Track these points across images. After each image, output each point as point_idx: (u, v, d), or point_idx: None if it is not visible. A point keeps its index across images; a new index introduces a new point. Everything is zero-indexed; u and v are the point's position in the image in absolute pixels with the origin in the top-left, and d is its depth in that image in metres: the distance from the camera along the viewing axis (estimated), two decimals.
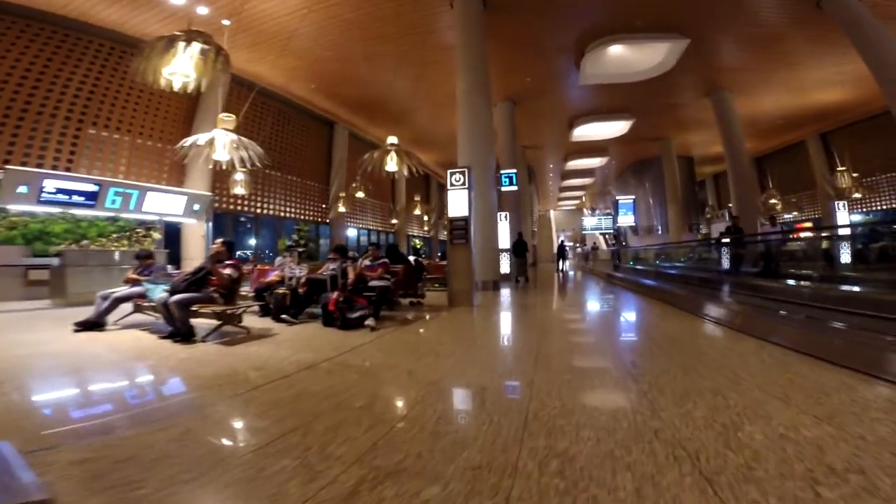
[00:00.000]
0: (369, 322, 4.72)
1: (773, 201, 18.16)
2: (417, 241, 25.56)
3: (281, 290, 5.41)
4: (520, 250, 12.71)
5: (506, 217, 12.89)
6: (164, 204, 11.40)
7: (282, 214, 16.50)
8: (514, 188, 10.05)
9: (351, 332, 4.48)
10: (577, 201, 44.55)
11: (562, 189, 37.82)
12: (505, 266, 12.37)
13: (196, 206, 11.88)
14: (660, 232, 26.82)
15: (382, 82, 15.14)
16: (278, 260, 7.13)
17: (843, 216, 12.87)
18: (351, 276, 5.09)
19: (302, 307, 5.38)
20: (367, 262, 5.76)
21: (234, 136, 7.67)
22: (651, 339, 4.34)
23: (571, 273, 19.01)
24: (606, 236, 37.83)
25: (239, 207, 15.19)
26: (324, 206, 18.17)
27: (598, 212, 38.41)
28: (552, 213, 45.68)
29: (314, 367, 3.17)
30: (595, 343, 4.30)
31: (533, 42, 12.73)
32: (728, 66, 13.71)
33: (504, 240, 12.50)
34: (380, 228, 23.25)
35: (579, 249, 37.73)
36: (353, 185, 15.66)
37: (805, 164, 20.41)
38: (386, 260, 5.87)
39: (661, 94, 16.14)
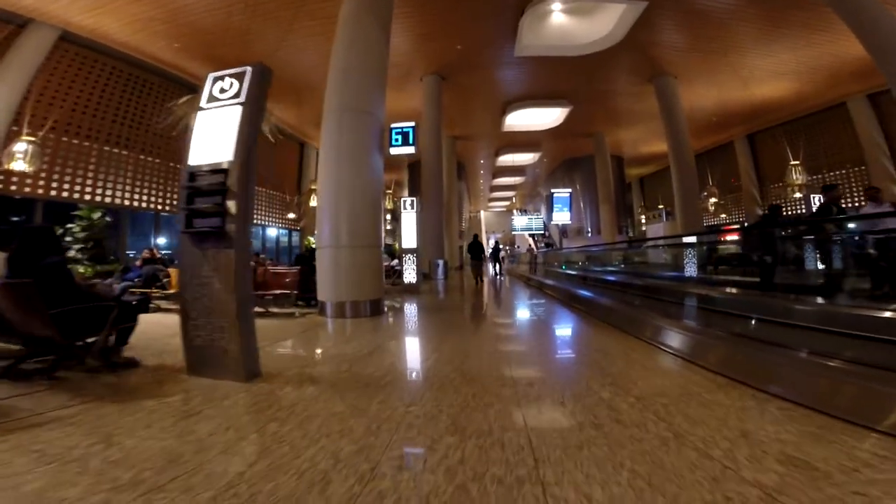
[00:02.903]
0: None
1: (712, 200, 17.41)
2: (313, 239, 21.66)
3: None
4: (476, 252, 12.45)
5: (412, 204, 9.55)
6: None
7: (130, 204, 12.07)
8: (411, 149, 6.54)
9: None
10: (507, 202, 43.45)
11: (493, 189, 36.20)
12: (411, 274, 9.22)
13: None
14: (590, 234, 25.87)
15: (275, 42, 11.56)
16: None
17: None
18: None
19: None
20: None
21: None
22: None
23: (501, 278, 16.38)
24: (536, 238, 36.83)
25: (59, 192, 10.61)
26: None
27: (528, 213, 37.36)
28: (483, 215, 44.10)
29: None
30: None
31: None
32: (678, 46, 12.13)
33: (411, 237, 9.29)
34: (280, 225, 19.19)
35: (507, 250, 36.27)
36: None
37: (732, 166, 20.28)
38: None
39: (602, 77, 14.41)
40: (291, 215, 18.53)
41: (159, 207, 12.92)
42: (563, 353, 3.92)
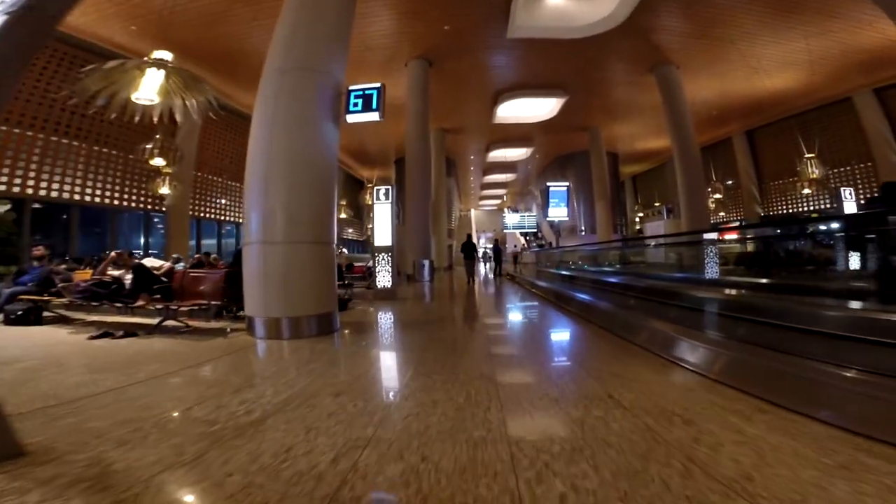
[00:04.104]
0: None
1: (716, 196, 16.60)
2: None
3: None
4: (469, 252, 12.72)
5: (387, 194, 8.11)
6: None
7: (81, 198, 10.87)
8: (374, 116, 4.55)
9: None
10: (498, 201, 42.57)
11: (483, 186, 35.27)
12: (385, 277, 7.91)
13: None
14: (583, 232, 25.06)
15: (244, 25, 10.51)
16: None
17: (851, 205, 10.93)
18: None
19: None
20: None
21: None
22: None
23: (497, 279, 15.43)
24: (528, 237, 36.03)
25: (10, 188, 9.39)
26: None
27: (519, 211, 36.57)
28: (473, 213, 43.15)
29: None
30: None
31: None
32: (683, 32, 11.26)
33: (385, 232, 7.91)
34: None
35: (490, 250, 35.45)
36: (147, 146, 9.86)
37: (730, 163, 19.61)
38: None
39: (599, 65, 13.53)
40: None
41: (116, 203, 11.73)
42: (612, 419, 2.02)
